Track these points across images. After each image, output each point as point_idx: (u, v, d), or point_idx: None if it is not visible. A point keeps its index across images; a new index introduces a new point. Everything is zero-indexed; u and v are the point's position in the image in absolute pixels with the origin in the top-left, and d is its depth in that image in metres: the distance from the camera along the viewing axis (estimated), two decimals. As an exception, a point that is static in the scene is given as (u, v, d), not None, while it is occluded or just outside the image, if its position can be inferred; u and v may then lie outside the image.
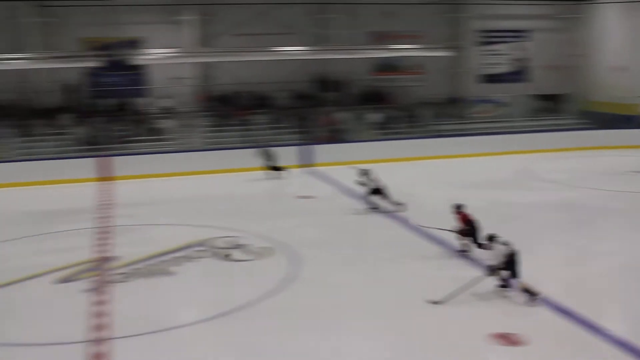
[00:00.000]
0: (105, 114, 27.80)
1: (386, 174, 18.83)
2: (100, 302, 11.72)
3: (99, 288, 12.50)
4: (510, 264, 11.10)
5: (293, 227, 16.77)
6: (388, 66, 31.82)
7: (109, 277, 13.11)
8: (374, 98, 30.72)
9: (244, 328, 10.49)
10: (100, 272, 13.44)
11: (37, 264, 14.07)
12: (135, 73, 29.17)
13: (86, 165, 23.87)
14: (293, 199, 17.58)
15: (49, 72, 28.45)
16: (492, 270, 11.28)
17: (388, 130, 29.26)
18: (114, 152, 25.43)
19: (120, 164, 24.11)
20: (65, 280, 13.10)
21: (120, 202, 20.35)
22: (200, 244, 15.23)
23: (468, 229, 13.49)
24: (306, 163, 25.79)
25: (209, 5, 29.07)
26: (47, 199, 21.36)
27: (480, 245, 12.92)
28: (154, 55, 27.74)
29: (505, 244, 11.18)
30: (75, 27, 28.27)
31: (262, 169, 23.57)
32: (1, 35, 27.63)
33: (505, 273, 11.24)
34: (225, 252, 14.60)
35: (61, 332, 10.53)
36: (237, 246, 14.95)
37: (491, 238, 11.43)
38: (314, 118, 28.60)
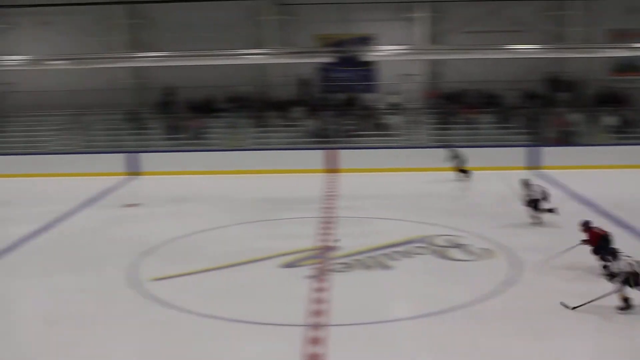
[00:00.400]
0: (335, 108, 28.71)
1: (619, 182, 17.70)
2: (320, 289, 12.14)
3: (319, 275, 12.95)
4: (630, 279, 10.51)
5: (515, 229, 16.27)
6: (628, 66, 29.81)
7: (330, 266, 13.54)
8: (610, 100, 28.88)
9: (456, 329, 10.37)
10: (321, 261, 13.92)
11: (265, 247, 14.87)
12: (365, 69, 29.78)
13: (314, 157, 24.82)
14: (514, 202, 17.03)
15: (284, 67, 30.01)
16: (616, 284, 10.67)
17: (624, 134, 27.41)
18: (341, 145, 26.21)
19: (346, 157, 24.79)
20: (289, 265, 13.72)
21: (344, 194, 20.92)
22: (419, 240, 15.25)
23: (599, 246, 12.32)
24: (534, 165, 24.92)
25: (440, 3, 29.00)
26: (277, 187, 22.48)
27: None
28: (384, 52, 28.14)
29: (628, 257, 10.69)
30: (310, 24, 29.52)
31: (452, 169, 23.16)
32: (243, 32, 29.59)
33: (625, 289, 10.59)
34: (444, 250, 14.51)
35: (282, 313, 11.03)
36: (457, 245, 14.79)
37: (614, 253, 10.87)
38: (544, 119, 27.54)
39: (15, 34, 31.15)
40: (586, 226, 12.92)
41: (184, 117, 28.71)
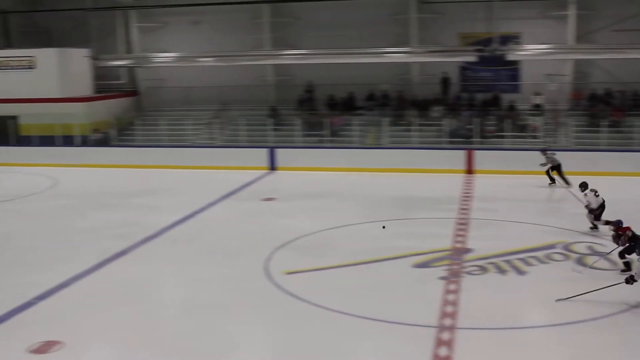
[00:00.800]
0: (476, 108, 28.15)
1: None
2: (451, 291, 11.94)
3: (452, 277, 12.73)
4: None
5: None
6: None
7: (463, 268, 13.28)
8: None
9: (592, 340, 9.95)
10: (455, 262, 13.68)
11: (398, 246, 14.81)
12: (509, 68, 29.03)
13: (453, 157, 24.42)
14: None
15: (426, 65, 29.78)
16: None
17: None
18: (480, 146, 25.66)
19: (484, 157, 24.22)
20: (422, 265, 13.59)
21: (480, 196, 20.46)
22: (557, 245, 14.68)
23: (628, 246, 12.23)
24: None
25: (590, 0, 27.82)
26: (414, 186, 22.29)
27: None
28: (529, 51, 27.31)
29: None
30: (454, 23, 29.10)
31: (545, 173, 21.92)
32: (386, 30, 29.58)
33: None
34: (584, 258, 13.86)
35: (412, 314, 10.94)
36: (597, 253, 14.08)
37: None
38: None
39: (166, 32, 32.69)
40: (618, 226, 12.68)
41: (323, 114, 29.05)
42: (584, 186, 16.25)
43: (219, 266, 13.96)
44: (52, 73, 30.39)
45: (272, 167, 26.08)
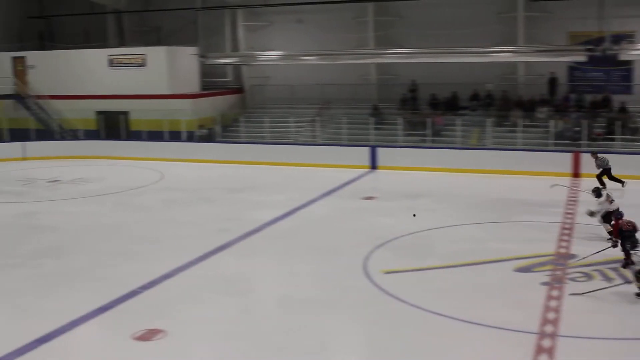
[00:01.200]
0: (584, 109, 27.23)
1: None
2: (554, 297, 11.61)
3: (555, 283, 12.38)
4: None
5: None
6: None
7: (567, 274, 12.89)
8: None
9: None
10: (558, 268, 13.29)
11: (499, 249, 14.57)
12: (621, 69, 27.95)
13: (559, 160, 23.72)
14: None
15: (533, 65, 29.05)
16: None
17: None
18: (588, 148, 24.79)
19: (591, 161, 23.30)
20: (523, 269, 13.29)
21: (586, 200, 19.70)
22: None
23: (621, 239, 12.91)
24: None
25: None
26: (517, 188, 21.78)
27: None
28: (642, 51, 26.23)
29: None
30: (563, 21, 28.20)
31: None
32: (492, 29, 28.97)
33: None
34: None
35: (512, 319, 10.70)
36: None
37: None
38: None
39: (271, 31, 33.18)
40: (618, 218, 13.30)
41: (426, 113, 28.79)
42: (596, 192, 16.02)
43: (318, 263, 14.07)
44: (161, 70, 31.39)
45: (373, 166, 26.06)
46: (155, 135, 30.40)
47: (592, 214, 15.20)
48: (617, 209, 14.15)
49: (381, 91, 31.57)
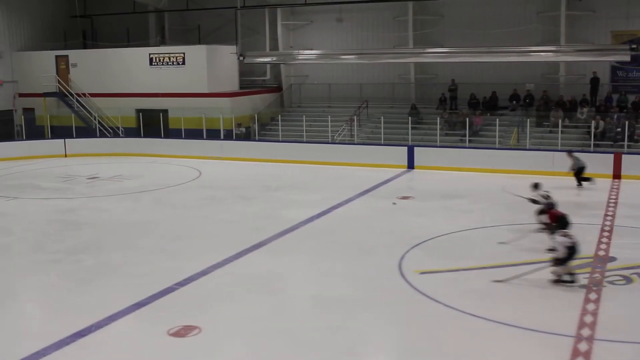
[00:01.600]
0: (627, 110, 26.77)
1: None
2: (592, 300, 11.43)
3: (593, 286, 12.18)
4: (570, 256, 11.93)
5: None
6: None
7: (605, 277, 12.68)
8: None
9: None
10: (597, 271, 13.08)
11: (537, 251, 14.32)
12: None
13: (600, 161, 23.33)
14: None
15: (575, 65, 28.66)
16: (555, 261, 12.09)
17: None
18: (630, 150, 24.39)
19: (633, 162, 23.01)
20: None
21: (627, 202, 19.45)
22: None
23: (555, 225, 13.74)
24: None
25: None
26: (556, 190, 21.39)
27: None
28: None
29: (566, 236, 12.12)
30: (606, 20, 27.82)
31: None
32: (535, 28, 28.64)
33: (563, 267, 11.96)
34: None
35: (549, 321, 10.58)
36: None
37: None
38: None
39: (310, 30, 33.25)
40: (550, 207, 14.52)
41: (464, 113, 28.57)
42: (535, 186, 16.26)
43: (353, 262, 14.05)
44: (201, 69, 31.63)
45: (410, 165, 25.93)
46: (193, 133, 30.65)
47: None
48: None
49: (419, 90, 31.45)
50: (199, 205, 20.12)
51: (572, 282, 12.10)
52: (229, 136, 30.35)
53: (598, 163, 23.22)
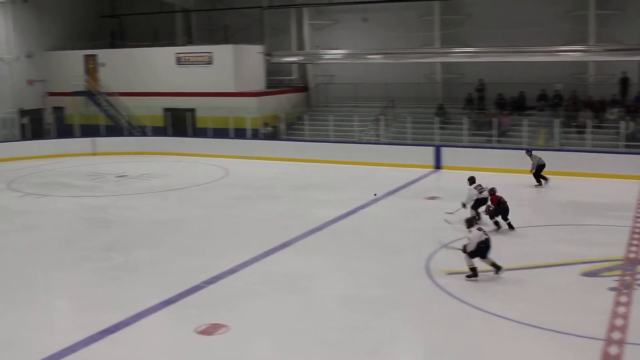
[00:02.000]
0: (657, 110, 26.48)
1: None
2: (622, 303, 11.31)
3: (623, 289, 12.05)
4: (481, 250, 12.47)
5: None
6: None
7: (636, 280, 12.54)
8: None
9: None
10: (627, 273, 12.94)
11: (565, 252, 14.26)
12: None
13: (629, 162, 23.08)
14: None
15: (604, 65, 28.36)
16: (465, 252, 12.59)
17: None
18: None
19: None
20: (591, 274, 12.98)
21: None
22: None
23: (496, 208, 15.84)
24: None
25: None
26: (585, 190, 21.28)
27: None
28: None
29: (481, 230, 12.60)
30: (636, 19, 27.45)
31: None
32: (563, 27, 28.39)
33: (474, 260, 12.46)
34: None
35: (578, 324, 10.47)
36: None
37: (470, 223, 12.90)
38: None
39: (336, 29, 33.24)
40: (492, 192, 16.20)
41: (492, 113, 28.38)
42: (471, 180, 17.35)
43: (380, 262, 14.04)
44: (227, 68, 31.74)
45: (437, 165, 25.83)
46: (220, 133, 30.77)
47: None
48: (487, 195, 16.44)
49: (446, 90, 31.30)
50: (227, 204, 20.20)
51: (475, 276, 12.54)
52: (256, 135, 30.42)
53: (628, 164, 22.99)
